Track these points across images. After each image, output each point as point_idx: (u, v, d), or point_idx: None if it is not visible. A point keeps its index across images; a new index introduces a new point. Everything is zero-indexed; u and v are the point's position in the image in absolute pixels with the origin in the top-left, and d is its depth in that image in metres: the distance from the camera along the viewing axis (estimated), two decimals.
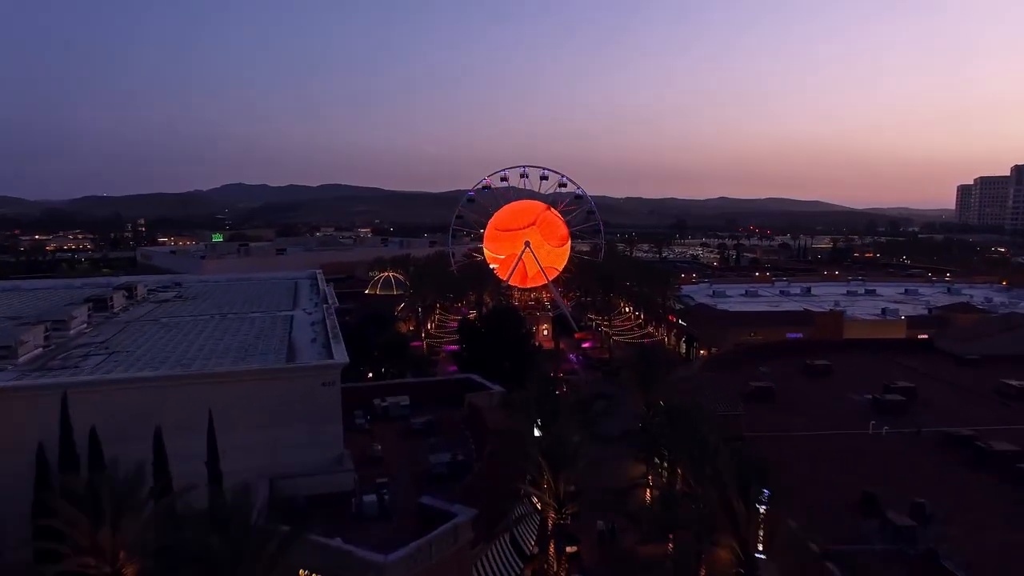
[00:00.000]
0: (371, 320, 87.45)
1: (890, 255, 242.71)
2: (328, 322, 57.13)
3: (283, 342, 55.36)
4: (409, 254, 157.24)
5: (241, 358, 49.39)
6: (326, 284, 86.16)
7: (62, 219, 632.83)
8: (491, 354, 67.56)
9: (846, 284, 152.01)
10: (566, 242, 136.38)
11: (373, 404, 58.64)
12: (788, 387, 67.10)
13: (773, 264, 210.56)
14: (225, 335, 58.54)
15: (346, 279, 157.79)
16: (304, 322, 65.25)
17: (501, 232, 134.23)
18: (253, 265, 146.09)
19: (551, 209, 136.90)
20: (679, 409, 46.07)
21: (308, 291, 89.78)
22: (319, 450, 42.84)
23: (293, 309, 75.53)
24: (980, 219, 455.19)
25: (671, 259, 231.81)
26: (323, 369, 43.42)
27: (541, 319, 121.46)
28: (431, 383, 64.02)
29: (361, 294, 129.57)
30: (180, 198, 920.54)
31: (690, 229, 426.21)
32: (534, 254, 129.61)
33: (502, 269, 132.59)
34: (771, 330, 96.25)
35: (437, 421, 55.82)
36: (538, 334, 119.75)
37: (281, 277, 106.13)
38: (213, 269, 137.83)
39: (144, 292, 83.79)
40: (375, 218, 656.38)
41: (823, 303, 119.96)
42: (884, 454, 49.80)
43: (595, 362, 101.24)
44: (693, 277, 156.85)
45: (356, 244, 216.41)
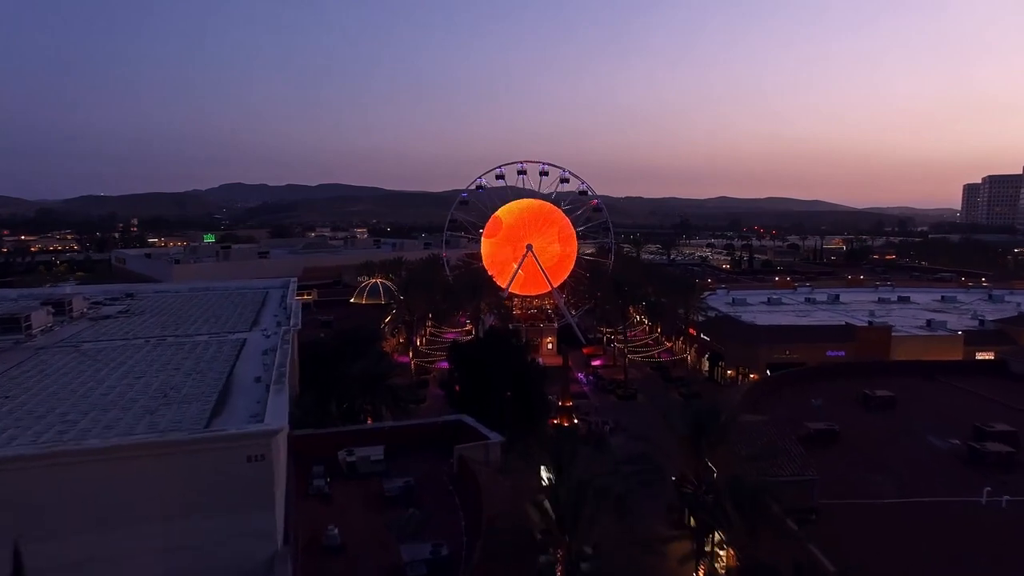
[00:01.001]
0: (350, 339, 74.50)
1: (905, 256, 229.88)
2: (278, 356, 44.30)
3: (219, 381, 42.53)
4: (402, 257, 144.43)
5: (153, 408, 36.67)
6: (302, 294, 73.03)
7: (56, 219, 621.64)
8: (488, 388, 54.71)
9: (874, 290, 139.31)
10: (572, 244, 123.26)
11: (338, 458, 46.15)
12: (850, 426, 54.45)
13: (787, 267, 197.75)
14: (151, 369, 45.69)
15: (332, 284, 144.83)
16: (257, 349, 52.43)
17: (499, 235, 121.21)
18: (231, 270, 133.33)
19: (554, 208, 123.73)
20: (743, 484, 33.34)
21: (276, 304, 76.93)
22: (241, 551, 30.18)
23: (250, 329, 62.67)
24: (989, 219, 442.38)
25: (679, 261, 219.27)
26: (247, 439, 30.65)
27: (545, 331, 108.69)
28: (413, 428, 51.10)
29: (346, 303, 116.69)
30: (178, 198, 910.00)
31: (694, 229, 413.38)
32: (536, 258, 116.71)
33: (501, 275, 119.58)
34: (808, 348, 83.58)
35: (419, 482, 43.22)
36: (541, 347, 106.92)
37: (251, 286, 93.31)
38: (184, 275, 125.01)
39: (83, 307, 70.92)
40: (372, 218, 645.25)
41: (857, 313, 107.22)
42: (1011, 533, 37.09)
43: (607, 384, 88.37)
44: (709, 282, 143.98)
45: (347, 246, 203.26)
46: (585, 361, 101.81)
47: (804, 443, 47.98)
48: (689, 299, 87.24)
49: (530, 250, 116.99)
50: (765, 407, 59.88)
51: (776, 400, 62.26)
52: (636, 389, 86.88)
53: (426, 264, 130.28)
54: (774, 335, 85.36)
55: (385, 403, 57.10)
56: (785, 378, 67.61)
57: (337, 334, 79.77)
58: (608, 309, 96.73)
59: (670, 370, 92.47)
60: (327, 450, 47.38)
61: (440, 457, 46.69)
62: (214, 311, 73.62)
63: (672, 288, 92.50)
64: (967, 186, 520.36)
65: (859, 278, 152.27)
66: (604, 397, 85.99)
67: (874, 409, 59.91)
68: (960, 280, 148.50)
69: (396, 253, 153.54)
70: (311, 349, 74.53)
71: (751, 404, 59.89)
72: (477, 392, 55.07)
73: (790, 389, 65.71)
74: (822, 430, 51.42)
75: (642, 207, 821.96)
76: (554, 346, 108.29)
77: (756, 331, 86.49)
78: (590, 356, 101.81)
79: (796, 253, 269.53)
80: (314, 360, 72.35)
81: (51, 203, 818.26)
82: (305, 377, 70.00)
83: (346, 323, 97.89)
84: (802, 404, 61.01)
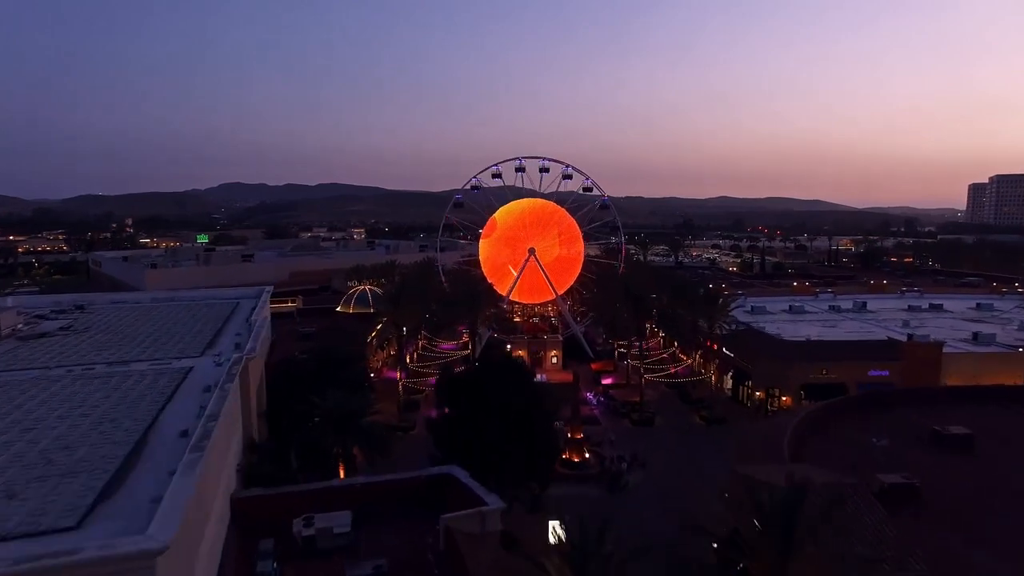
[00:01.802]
0: (328, 359, 64.29)
1: (919, 259, 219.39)
2: (212, 402, 34.06)
3: (133, 435, 32.43)
4: (395, 260, 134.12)
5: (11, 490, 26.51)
6: (285, 301, 63.38)
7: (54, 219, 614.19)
8: (485, 430, 44.64)
9: (901, 296, 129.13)
10: (578, 246, 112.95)
11: (293, 529, 36.23)
12: (926, 475, 44.33)
13: (799, 270, 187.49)
14: (50, 415, 35.71)
15: (320, 290, 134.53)
16: (200, 382, 42.38)
17: (499, 237, 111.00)
18: (209, 275, 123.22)
19: (557, 207, 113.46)
20: None
21: (243, 320, 66.84)
22: None
23: (202, 353, 52.56)
24: (996, 219, 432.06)
25: (687, 264, 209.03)
26: (110, 565, 20.56)
27: (549, 343, 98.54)
28: (390, 485, 40.91)
29: (332, 311, 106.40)
30: (177, 197, 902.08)
31: (697, 229, 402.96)
32: (539, 263, 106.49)
33: (501, 281, 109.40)
34: (848, 366, 73.43)
35: (394, 566, 33.30)
36: (545, 361, 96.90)
37: (222, 296, 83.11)
38: (157, 281, 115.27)
39: (15, 323, 60.96)
40: (371, 218, 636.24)
41: (888, 324, 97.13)
42: None
43: (620, 406, 78.17)
44: (724, 288, 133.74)
45: (339, 248, 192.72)
46: (594, 378, 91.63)
47: (879, 498, 37.89)
48: (713, 312, 76.94)
49: (532, 254, 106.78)
50: (815, 447, 49.92)
51: (826, 436, 52.19)
52: (653, 412, 76.77)
53: (420, 269, 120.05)
54: (808, 351, 75.14)
55: (360, 445, 46.93)
56: (833, 407, 57.32)
57: (314, 352, 69.66)
58: (622, 320, 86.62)
59: (690, 390, 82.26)
60: (282, 516, 37.31)
61: (424, 523, 36.33)
62: (169, 328, 63.56)
63: (690, 298, 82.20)
64: (972, 185, 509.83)
65: (882, 283, 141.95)
66: (617, 421, 75.86)
67: (949, 450, 49.66)
68: (991, 285, 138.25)
69: (389, 256, 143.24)
70: (282, 371, 64.43)
71: (798, 442, 49.82)
72: (472, 435, 44.97)
73: (839, 421, 55.61)
74: (899, 485, 41.07)
75: (642, 207, 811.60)
76: (559, 360, 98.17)
77: (787, 347, 76.26)
78: (599, 372, 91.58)
79: (805, 255, 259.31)
80: (286, 383, 62.34)
81: (49, 203, 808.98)
82: (273, 406, 59.95)
83: (330, 335, 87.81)
84: (857, 440, 50.99)
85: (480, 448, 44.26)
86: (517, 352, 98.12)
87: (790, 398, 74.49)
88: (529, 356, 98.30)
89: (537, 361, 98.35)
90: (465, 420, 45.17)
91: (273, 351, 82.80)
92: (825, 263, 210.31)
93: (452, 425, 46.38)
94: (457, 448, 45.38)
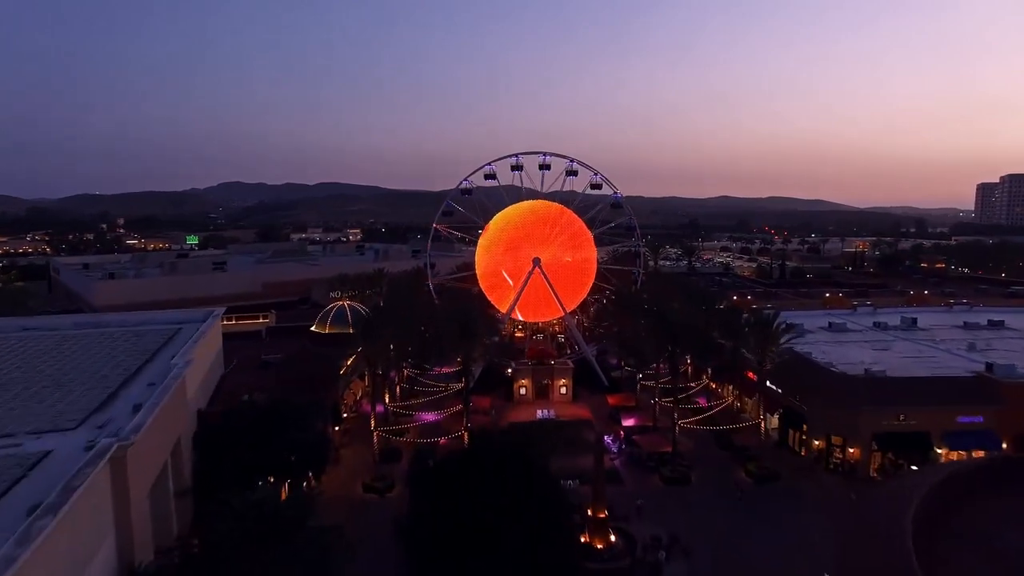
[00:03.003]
0: (278, 412, 49.15)
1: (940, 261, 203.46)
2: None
3: None
4: (383, 269, 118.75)
5: None
6: (256, 317, 48.81)
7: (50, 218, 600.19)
8: (479, 547, 29.53)
9: (951, 310, 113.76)
10: (588, 252, 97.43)
11: None
12: None
13: (819, 275, 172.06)
14: None
15: (299, 303, 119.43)
16: (44, 485, 27.81)
17: (498, 247, 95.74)
18: (173, 287, 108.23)
19: (563, 208, 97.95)
20: None
21: (167, 360, 51.64)
22: None
23: (81, 423, 37.70)
24: (1009, 219, 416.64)
25: (700, 269, 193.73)
26: None
27: (557, 371, 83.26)
28: None
29: (306, 330, 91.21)
30: (175, 196, 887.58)
31: (702, 230, 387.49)
32: (545, 275, 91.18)
33: (502, 298, 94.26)
34: (932, 411, 58.35)
35: None
36: (553, 392, 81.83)
37: (159, 321, 67.95)
38: (108, 295, 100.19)
39: None
40: (369, 217, 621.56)
41: (951, 346, 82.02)
42: None
43: (647, 457, 62.81)
44: (749, 300, 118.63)
45: (325, 253, 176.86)
46: (611, 414, 76.36)
47: None
48: (765, 341, 61.60)
49: (537, 265, 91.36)
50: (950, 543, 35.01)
51: (959, 521, 37.26)
52: (688, 465, 61.59)
53: (410, 279, 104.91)
54: (881, 392, 59.84)
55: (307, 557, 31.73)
56: (956, 479, 41.97)
57: (271, 394, 54.21)
58: (643, 342, 71.51)
59: (731, 435, 66.78)
60: None
61: None
62: (67, 372, 48.27)
63: (727, 319, 67.00)
64: (982, 185, 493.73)
65: (923, 294, 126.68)
66: (643, 477, 60.60)
67: None
68: None
69: (378, 264, 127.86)
70: (219, 427, 49.37)
71: (927, 534, 34.71)
72: (456, 558, 29.82)
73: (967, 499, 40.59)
74: None
75: (644, 207, 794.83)
76: (569, 390, 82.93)
77: (853, 385, 60.93)
78: (618, 409, 76.13)
79: (819, 257, 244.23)
80: (227, 438, 47.32)
81: (46, 202, 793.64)
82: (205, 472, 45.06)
83: (296, 366, 72.75)
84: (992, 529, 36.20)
85: None
86: (520, 382, 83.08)
87: (858, 449, 59.43)
88: (534, 385, 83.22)
89: (543, 391, 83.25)
90: (448, 537, 29.96)
91: (221, 388, 67.90)
92: (847, 268, 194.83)
93: (430, 541, 31.07)
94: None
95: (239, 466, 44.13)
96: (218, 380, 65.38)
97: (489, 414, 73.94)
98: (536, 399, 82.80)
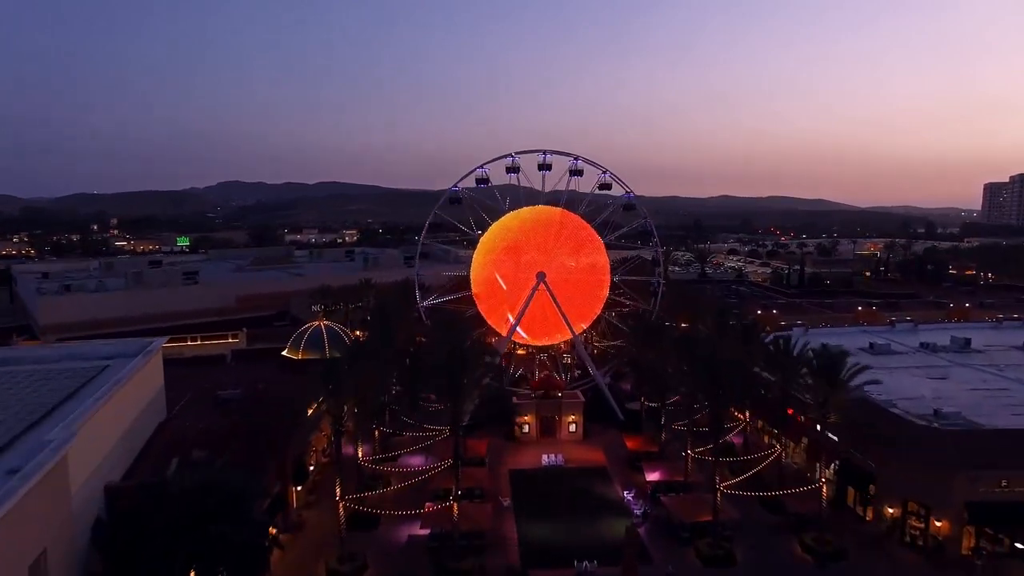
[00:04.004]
0: (211, 494, 36.75)
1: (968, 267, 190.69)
2: None
3: None
4: (371, 280, 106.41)
5: None
6: (224, 336, 37.25)
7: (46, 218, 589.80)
8: None
9: (998, 326, 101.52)
10: (599, 261, 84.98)
11: None
12: None
13: (840, 282, 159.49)
14: None
15: (275, 319, 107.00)
16: None
17: (494, 260, 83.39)
18: (131, 303, 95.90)
19: (569, 214, 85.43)
20: None
21: (66, 418, 39.21)
22: None
23: None
24: (1019, 220, 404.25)
25: (712, 275, 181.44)
26: None
27: (566, 406, 70.83)
28: None
29: (277, 354, 78.73)
30: (174, 196, 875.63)
31: (706, 231, 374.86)
32: (551, 292, 78.72)
33: (500, 317, 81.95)
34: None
35: None
36: (561, 429, 69.61)
37: (86, 355, 55.50)
38: (54, 312, 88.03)
39: None
40: (369, 217, 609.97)
41: (1018, 372, 70.18)
42: None
43: (679, 527, 50.38)
44: (774, 315, 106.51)
45: (311, 259, 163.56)
46: (629, 460, 63.88)
47: None
48: (831, 388, 48.95)
49: (542, 281, 78.91)
50: None
51: None
52: (730, 535, 49.27)
53: (397, 296, 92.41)
54: (977, 447, 47.46)
55: None
56: None
57: (186, 485, 41.21)
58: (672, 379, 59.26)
59: (783, 498, 54.02)
60: None
61: None
62: None
63: (778, 359, 54.50)
64: (989, 185, 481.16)
65: (964, 306, 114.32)
66: (674, 550, 48.27)
67: None
68: None
69: (366, 273, 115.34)
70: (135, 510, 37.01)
71: None
72: None
73: None
74: None
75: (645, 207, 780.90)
76: (579, 427, 70.54)
77: (941, 439, 48.48)
78: (639, 457, 63.44)
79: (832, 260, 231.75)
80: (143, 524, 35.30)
81: (43, 201, 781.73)
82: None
83: (258, 406, 60.55)
84: None
85: None
86: (522, 418, 70.73)
87: (947, 522, 47.15)
88: (538, 422, 70.87)
89: (548, 428, 70.86)
90: None
91: (156, 441, 55.27)
92: (866, 273, 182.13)
93: None
94: None
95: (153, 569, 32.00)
96: (155, 428, 53.09)
97: (484, 463, 61.62)
98: (541, 437, 70.53)
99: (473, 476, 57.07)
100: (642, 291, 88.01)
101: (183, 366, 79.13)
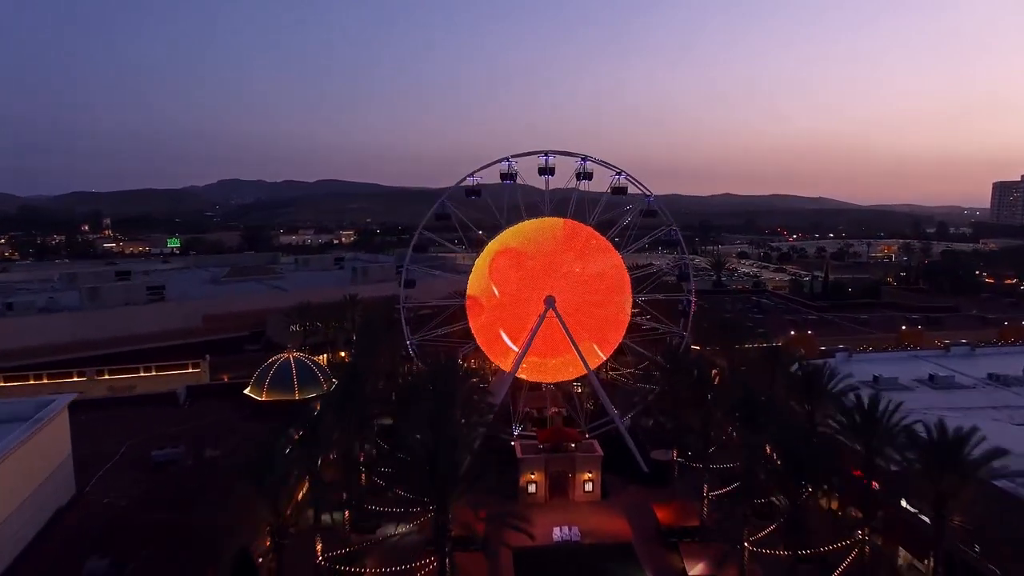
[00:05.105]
0: None
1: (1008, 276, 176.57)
2: None
3: None
4: (356, 295, 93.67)
5: None
6: (185, 366, 29.51)
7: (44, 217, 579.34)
8: None
9: None
10: (620, 282, 72.24)
11: None
12: None
13: (865, 291, 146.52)
14: None
15: (250, 339, 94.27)
16: None
17: (495, 280, 70.68)
18: (82, 326, 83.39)
19: (579, 225, 72.56)
20: None
21: None
22: None
23: None
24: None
25: (727, 284, 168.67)
26: None
27: (581, 461, 58.08)
28: None
29: (240, 391, 66.13)
30: (173, 194, 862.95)
31: (711, 231, 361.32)
32: (561, 319, 66.08)
33: (501, 349, 69.42)
34: None
35: None
36: (575, 487, 57.05)
37: None
38: None
39: None
40: (368, 216, 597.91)
41: None
42: None
43: None
44: (810, 336, 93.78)
45: (296, 268, 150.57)
46: (657, 531, 51.38)
47: None
48: (953, 476, 36.33)
49: (551, 307, 66.23)
50: None
51: None
52: None
53: (385, 316, 79.99)
54: None
55: None
56: None
57: None
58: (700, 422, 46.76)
59: None
60: None
61: None
62: None
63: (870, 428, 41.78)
64: (998, 184, 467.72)
65: (1020, 325, 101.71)
66: None
67: None
68: None
69: (353, 287, 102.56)
70: None
71: None
72: None
73: None
74: None
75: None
76: (596, 486, 57.87)
77: None
78: (672, 529, 50.78)
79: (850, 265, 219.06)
80: None
81: (41, 200, 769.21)
82: None
83: (201, 470, 48.41)
84: None
85: None
86: (529, 476, 58.08)
87: None
88: (548, 480, 58.26)
89: (560, 487, 58.27)
90: None
91: (51, 535, 42.35)
92: (890, 281, 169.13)
93: None
94: None
95: None
96: (52, 513, 40.60)
97: (479, 545, 48.92)
98: (551, 497, 57.98)
99: (466, 569, 44.57)
100: (665, 310, 75.55)
101: (128, 406, 66.93)
